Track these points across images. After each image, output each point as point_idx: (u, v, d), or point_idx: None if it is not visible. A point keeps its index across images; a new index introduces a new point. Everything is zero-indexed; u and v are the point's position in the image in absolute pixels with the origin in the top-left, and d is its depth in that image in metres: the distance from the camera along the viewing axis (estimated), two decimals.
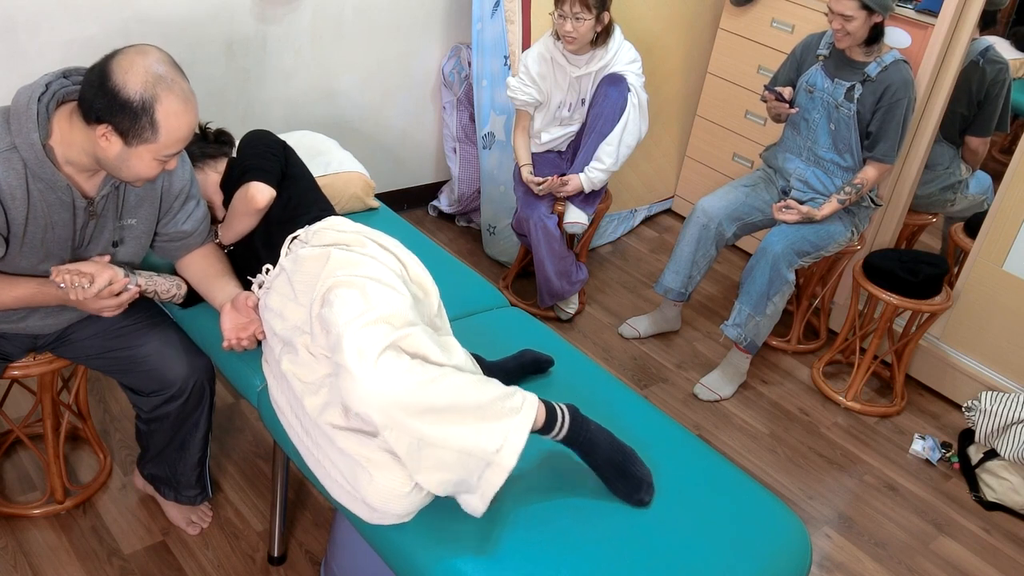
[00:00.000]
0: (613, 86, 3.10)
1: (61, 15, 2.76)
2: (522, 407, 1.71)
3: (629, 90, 3.11)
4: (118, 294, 1.95)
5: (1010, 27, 3.90)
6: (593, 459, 1.83)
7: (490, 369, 2.06)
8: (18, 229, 1.81)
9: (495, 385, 1.71)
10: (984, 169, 3.63)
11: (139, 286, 2.02)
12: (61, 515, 2.36)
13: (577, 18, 2.96)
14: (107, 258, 1.96)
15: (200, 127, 2.34)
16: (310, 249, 1.95)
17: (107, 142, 1.73)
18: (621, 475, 1.82)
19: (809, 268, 3.36)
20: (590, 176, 3.17)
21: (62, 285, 1.87)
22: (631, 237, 4.18)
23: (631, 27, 3.49)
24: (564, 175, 3.19)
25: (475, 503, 1.70)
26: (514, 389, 1.73)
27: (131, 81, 1.68)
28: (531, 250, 3.35)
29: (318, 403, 1.77)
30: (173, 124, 1.72)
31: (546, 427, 1.76)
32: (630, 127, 3.14)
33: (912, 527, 2.77)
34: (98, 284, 1.89)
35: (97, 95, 1.70)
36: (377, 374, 1.61)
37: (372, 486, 1.68)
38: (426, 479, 1.66)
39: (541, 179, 3.17)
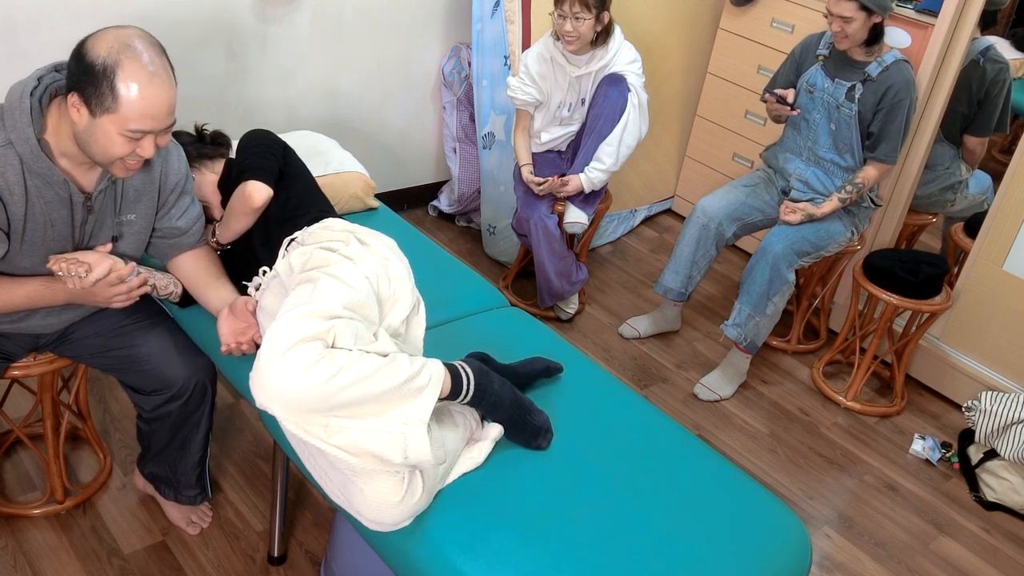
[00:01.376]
0: (613, 86, 3.10)
1: (61, 15, 2.76)
2: (428, 384, 1.70)
3: (629, 90, 3.11)
4: (125, 282, 1.93)
5: (1010, 27, 3.90)
6: (496, 416, 1.89)
7: (500, 371, 2.05)
8: (18, 225, 1.80)
9: (403, 364, 1.68)
10: (984, 169, 3.63)
11: (140, 273, 1.99)
12: (61, 515, 2.36)
13: (577, 18, 2.96)
14: (108, 247, 1.94)
15: (196, 129, 2.34)
16: (301, 250, 1.95)
17: (77, 114, 1.70)
18: (521, 428, 1.91)
19: (809, 268, 3.36)
20: (590, 176, 3.17)
21: (59, 272, 1.84)
22: (631, 237, 4.18)
23: (631, 27, 3.49)
24: (564, 175, 3.19)
25: (425, 465, 1.69)
26: (421, 364, 1.72)
27: (98, 45, 1.67)
28: (531, 250, 3.35)
29: None
30: (134, 95, 1.67)
31: (452, 395, 1.80)
32: (630, 127, 3.14)
33: (912, 527, 2.77)
34: (96, 273, 1.85)
35: (70, 63, 1.70)
36: (280, 368, 1.57)
37: (363, 499, 1.68)
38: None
39: (541, 179, 3.18)
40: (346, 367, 1.60)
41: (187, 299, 2.16)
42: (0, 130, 1.75)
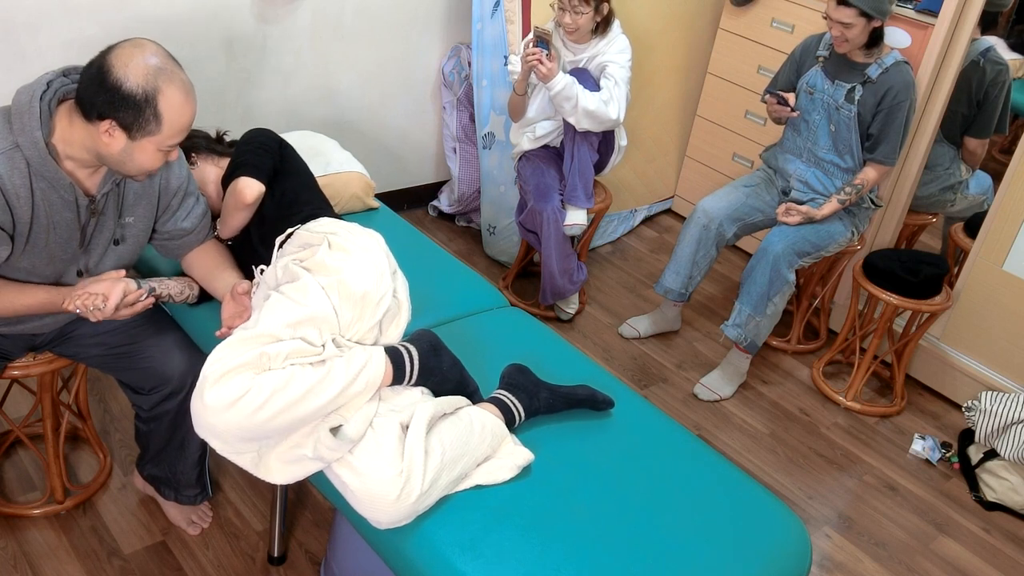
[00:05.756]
0: (580, 78, 3.07)
1: (61, 15, 2.76)
2: (362, 391, 1.78)
3: (601, 76, 3.07)
4: (133, 304, 1.95)
5: (1010, 27, 3.90)
6: (437, 390, 1.95)
7: (537, 386, 2.04)
8: (23, 228, 1.81)
9: (338, 376, 1.74)
10: (984, 169, 3.63)
11: (154, 291, 2.03)
12: (61, 515, 2.36)
13: (576, 11, 2.98)
14: (122, 272, 1.97)
15: (217, 134, 2.40)
16: (280, 263, 1.97)
17: (110, 137, 1.73)
18: (465, 394, 1.99)
19: (809, 268, 3.36)
20: (567, 82, 3.01)
21: (78, 311, 1.88)
22: (631, 237, 4.18)
23: (631, 27, 3.49)
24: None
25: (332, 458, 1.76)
26: (359, 368, 1.77)
27: (132, 75, 1.69)
28: (535, 247, 3.34)
29: None
30: (176, 114, 1.74)
31: (396, 380, 1.87)
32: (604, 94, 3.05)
33: (912, 527, 2.77)
34: (112, 301, 1.89)
35: (98, 92, 1.70)
36: (208, 404, 1.66)
37: (358, 494, 1.71)
38: (278, 474, 1.76)
39: (531, 51, 2.99)
40: (277, 393, 1.66)
41: (203, 295, 2.19)
42: (8, 133, 1.76)
